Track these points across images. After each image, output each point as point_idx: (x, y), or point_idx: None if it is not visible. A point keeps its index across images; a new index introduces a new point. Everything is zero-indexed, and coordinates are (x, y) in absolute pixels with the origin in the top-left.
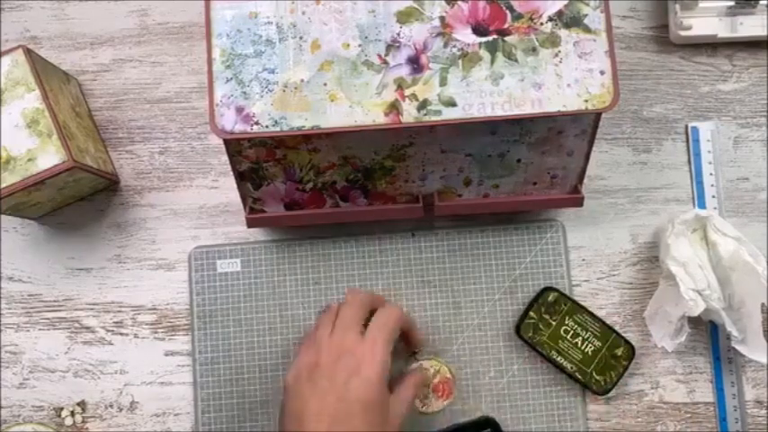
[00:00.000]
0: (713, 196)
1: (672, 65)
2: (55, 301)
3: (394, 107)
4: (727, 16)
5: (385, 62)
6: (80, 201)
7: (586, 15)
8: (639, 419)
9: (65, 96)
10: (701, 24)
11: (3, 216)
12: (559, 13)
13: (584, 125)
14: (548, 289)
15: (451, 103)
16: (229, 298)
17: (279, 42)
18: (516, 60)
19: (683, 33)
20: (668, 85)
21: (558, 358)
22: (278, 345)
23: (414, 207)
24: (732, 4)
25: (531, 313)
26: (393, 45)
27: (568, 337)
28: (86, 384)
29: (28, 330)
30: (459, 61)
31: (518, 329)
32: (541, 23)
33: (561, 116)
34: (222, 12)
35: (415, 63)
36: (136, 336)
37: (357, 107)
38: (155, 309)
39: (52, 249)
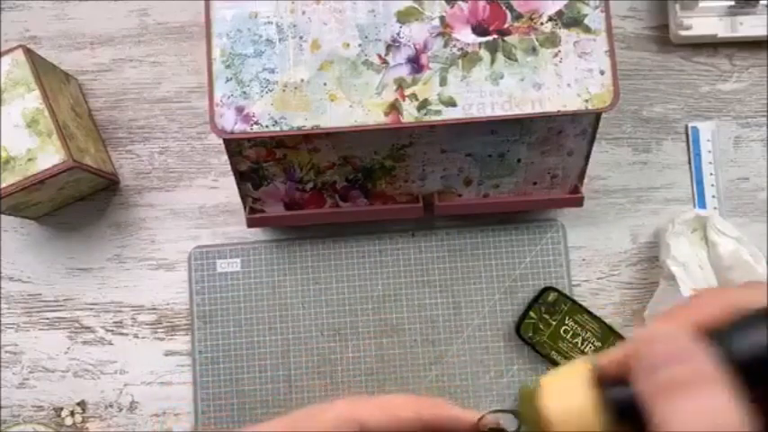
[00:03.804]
0: (713, 196)
1: (672, 65)
2: (55, 301)
3: (394, 107)
4: (727, 16)
5: (385, 62)
6: (80, 201)
7: (586, 15)
8: None
9: (65, 96)
10: (702, 24)
11: (3, 216)
12: (559, 13)
13: (585, 125)
14: (548, 289)
15: (451, 103)
16: (229, 298)
17: (279, 42)
18: (516, 60)
19: (684, 33)
20: (668, 84)
21: (558, 358)
22: (278, 345)
23: (414, 207)
24: (732, 3)
25: (531, 313)
26: (393, 45)
27: (568, 337)
28: (86, 384)
29: (28, 330)
30: (459, 61)
31: (518, 329)
32: (541, 23)
33: (561, 116)
34: (222, 11)
35: (415, 63)
36: (136, 336)
37: (357, 107)
38: (155, 309)
39: (52, 249)
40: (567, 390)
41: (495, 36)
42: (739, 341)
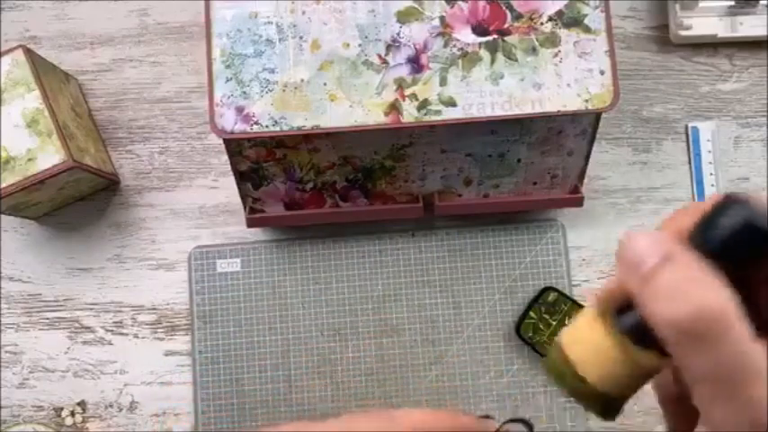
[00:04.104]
0: None
1: (672, 65)
2: (55, 301)
3: (394, 107)
4: (727, 16)
5: (385, 62)
6: (80, 201)
7: (586, 15)
8: (640, 419)
9: (64, 96)
10: (702, 24)
11: (3, 216)
12: (559, 13)
13: (584, 125)
14: (548, 289)
15: (451, 103)
16: (229, 298)
17: (279, 42)
18: (516, 60)
19: (684, 33)
20: (668, 84)
21: None
22: (278, 345)
23: (414, 207)
24: (732, 3)
25: (531, 313)
26: (393, 45)
27: None
28: (86, 384)
29: (28, 330)
30: (459, 61)
31: (518, 329)
32: (541, 23)
33: (561, 116)
34: (222, 11)
35: (415, 63)
36: (136, 336)
37: (357, 107)
38: (155, 309)
39: (52, 249)
40: (581, 331)
41: (495, 36)
42: (708, 230)
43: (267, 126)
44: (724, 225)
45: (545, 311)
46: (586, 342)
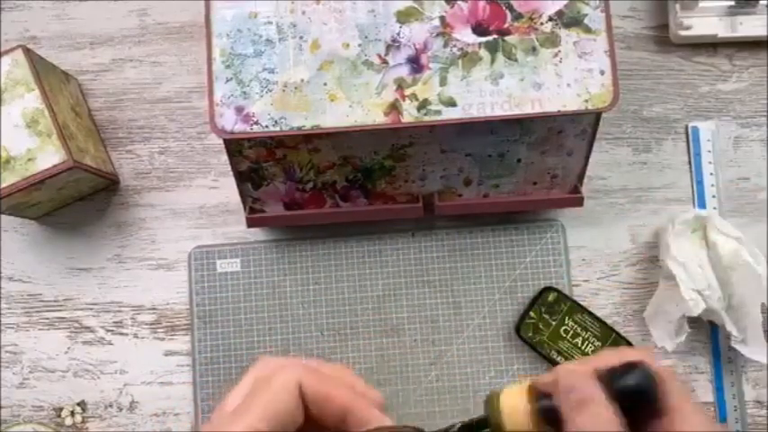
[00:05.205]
0: (713, 196)
1: (672, 65)
2: (55, 301)
3: (394, 107)
4: (727, 16)
5: (385, 62)
6: (80, 201)
7: (586, 15)
8: None
9: (64, 96)
10: (701, 24)
11: (3, 216)
12: (559, 13)
13: (584, 125)
14: (548, 289)
15: (451, 103)
16: (229, 298)
17: (279, 42)
18: (516, 60)
19: (683, 33)
20: (668, 84)
21: (559, 358)
22: (278, 345)
23: (414, 207)
24: (732, 3)
25: (531, 313)
26: (393, 45)
27: (568, 337)
28: (86, 384)
29: (28, 330)
30: (459, 61)
31: (518, 329)
32: (541, 23)
33: (561, 116)
34: (222, 11)
35: (415, 63)
36: (136, 336)
37: (357, 107)
38: (154, 309)
39: (52, 249)
40: (515, 398)
41: (495, 36)
42: (617, 380)
43: (267, 126)
44: (627, 382)
45: (545, 311)
46: (513, 405)
